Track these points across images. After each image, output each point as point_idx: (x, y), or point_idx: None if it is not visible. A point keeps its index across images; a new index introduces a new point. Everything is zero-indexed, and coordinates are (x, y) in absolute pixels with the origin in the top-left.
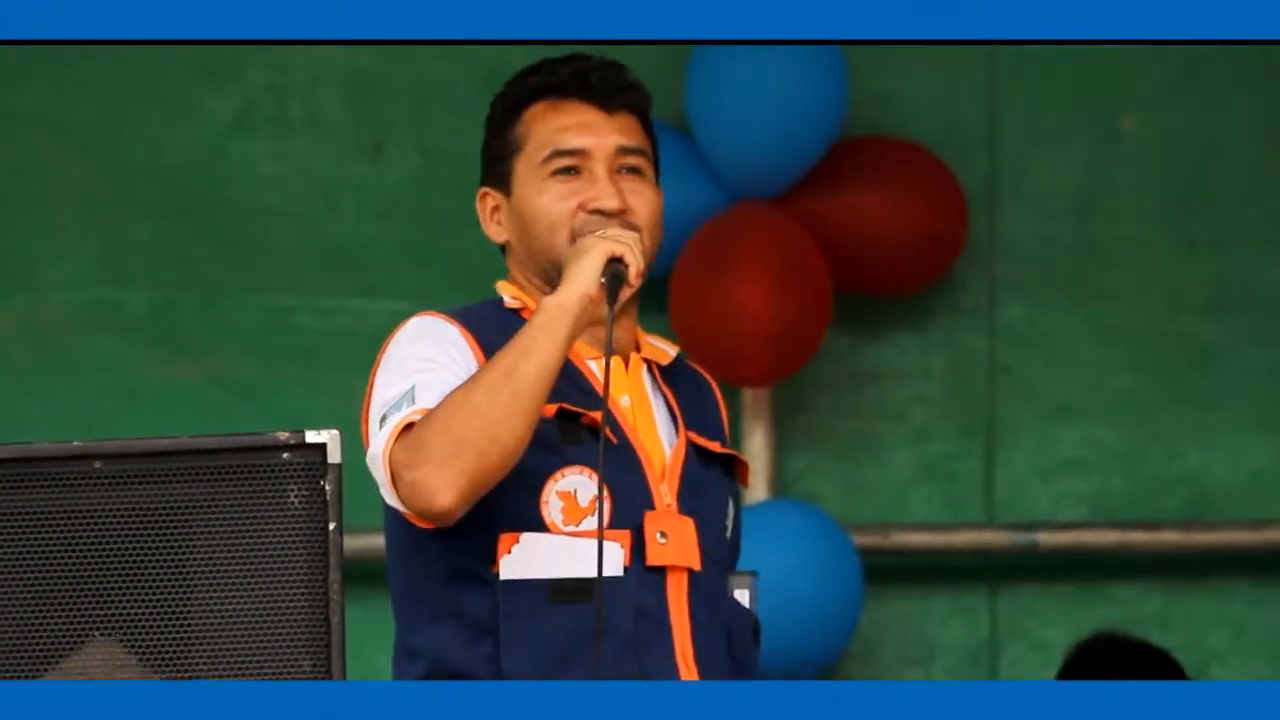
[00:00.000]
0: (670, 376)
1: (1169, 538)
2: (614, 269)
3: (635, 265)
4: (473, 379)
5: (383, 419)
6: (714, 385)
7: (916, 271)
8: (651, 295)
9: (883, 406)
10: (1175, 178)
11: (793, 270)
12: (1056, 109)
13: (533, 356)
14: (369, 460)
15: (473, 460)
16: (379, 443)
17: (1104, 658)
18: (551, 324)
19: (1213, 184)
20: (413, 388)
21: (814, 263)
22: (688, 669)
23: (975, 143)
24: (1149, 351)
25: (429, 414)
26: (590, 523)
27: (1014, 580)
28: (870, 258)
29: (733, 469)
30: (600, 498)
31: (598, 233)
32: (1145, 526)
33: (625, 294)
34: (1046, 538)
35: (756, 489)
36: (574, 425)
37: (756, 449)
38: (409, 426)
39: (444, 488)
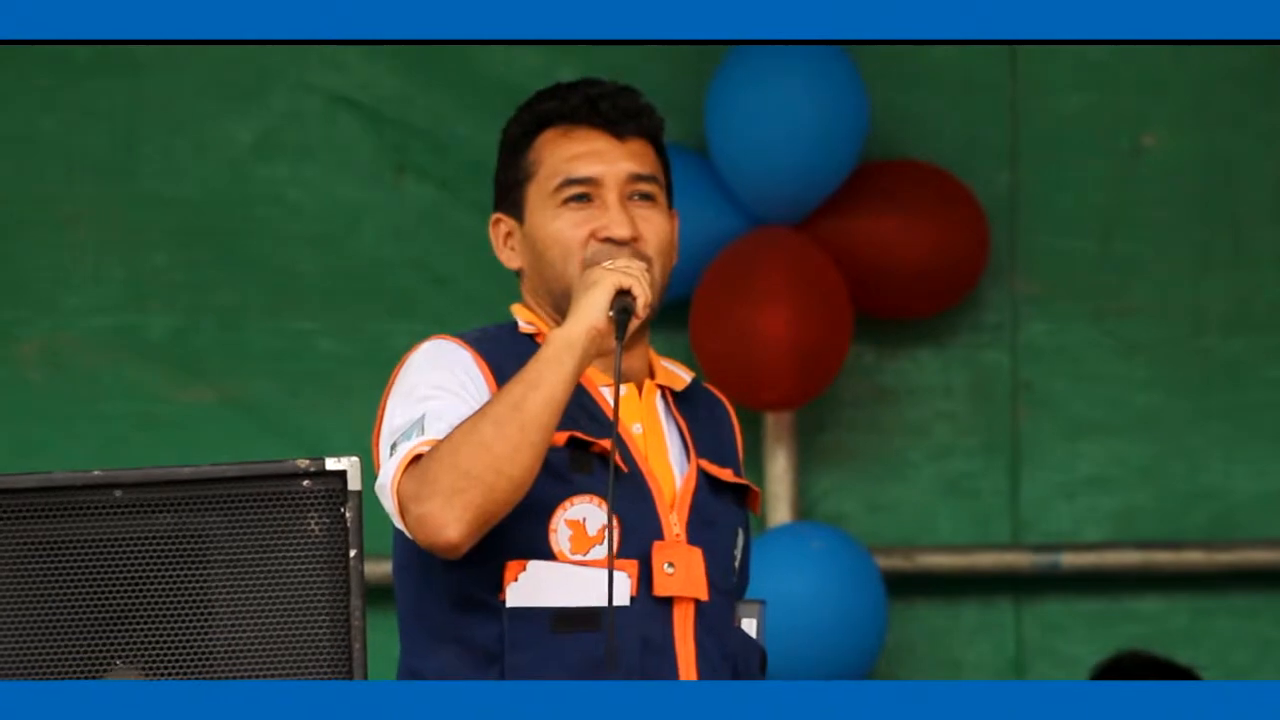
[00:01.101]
0: (685, 402)
1: (1192, 557)
2: (622, 302)
3: (643, 297)
4: (480, 411)
5: (392, 447)
6: (730, 410)
7: (937, 295)
8: (672, 319)
9: (905, 424)
10: (1196, 195)
11: (813, 295)
12: (1077, 127)
13: (540, 389)
14: (377, 489)
15: (480, 494)
16: (387, 473)
17: (1129, 675)
18: (558, 357)
19: (1234, 201)
20: (423, 416)
21: (834, 287)
22: None
23: (996, 160)
24: (1171, 368)
25: (437, 446)
26: (598, 552)
27: (1039, 598)
28: (891, 281)
29: (744, 498)
30: (610, 528)
31: (605, 264)
32: (1168, 546)
33: (633, 325)
34: (1070, 558)
35: (780, 511)
36: (584, 454)
37: (779, 471)
38: (418, 458)
39: (451, 521)
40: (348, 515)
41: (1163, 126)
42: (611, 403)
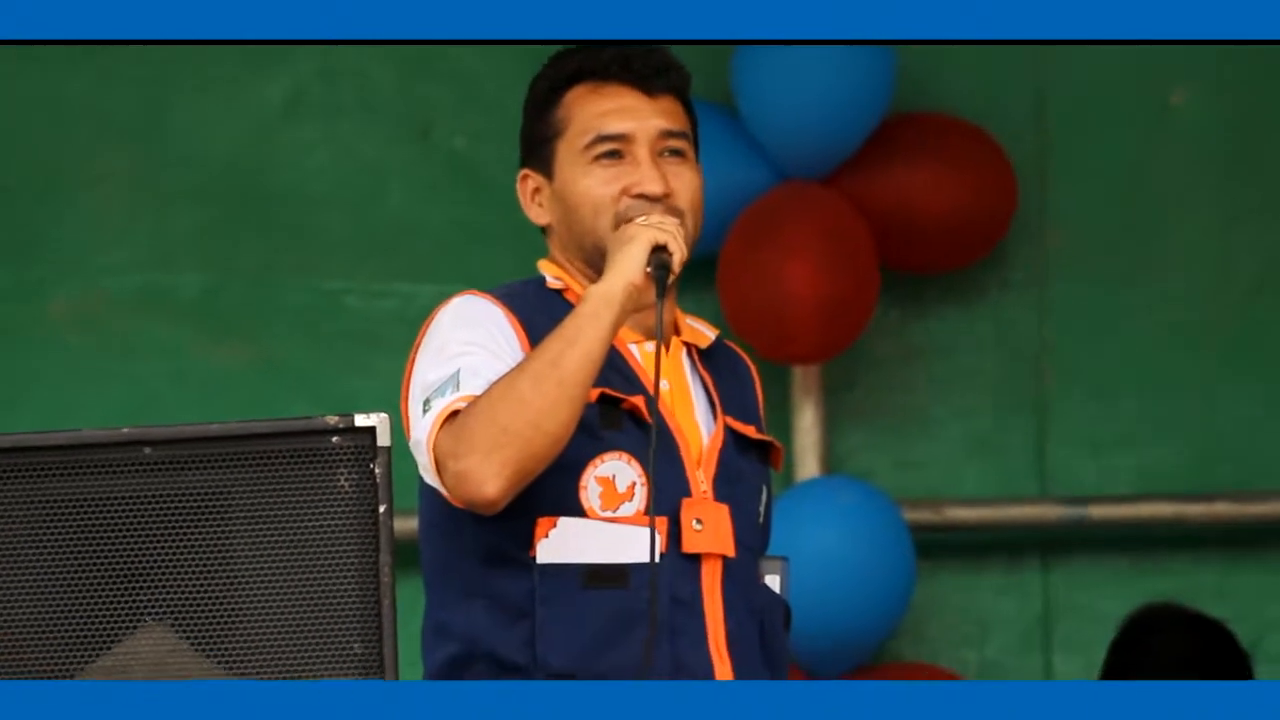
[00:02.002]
0: (709, 359)
1: (1221, 509)
2: (659, 257)
3: (679, 253)
4: (518, 367)
5: (426, 403)
6: (752, 368)
7: (965, 249)
8: (699, 274)
9: (933, 381)
10: (1224, 151)
11: (840, 249)
12: (1105, 84)
13: (578, 345)
14: (412, 445)
15: (518, 450)
16: (422, 429)
17: (1157, 629)
18: (596, 313)
19: (1262, 157)
20: (457, 372)
21: (862, 241)
22: (720, 656)
23: (1024, 118)
24: (1199, 324)
25: (474, 402)
26: (627, 508)
27: (1067, 553)
28: (919, 236)
29: (766, 455)
30: (650, 485)
31: (640, 220)
32: (1198, 499)
33: (670, 281)
34: (1097, 511)
35: (808, 466)
36: (615, 411)
37: (807, 426)
38: (454, 414)
39: (490, 477)
40: (377, 471)
41: (1192, 83)
42: (642, 361)
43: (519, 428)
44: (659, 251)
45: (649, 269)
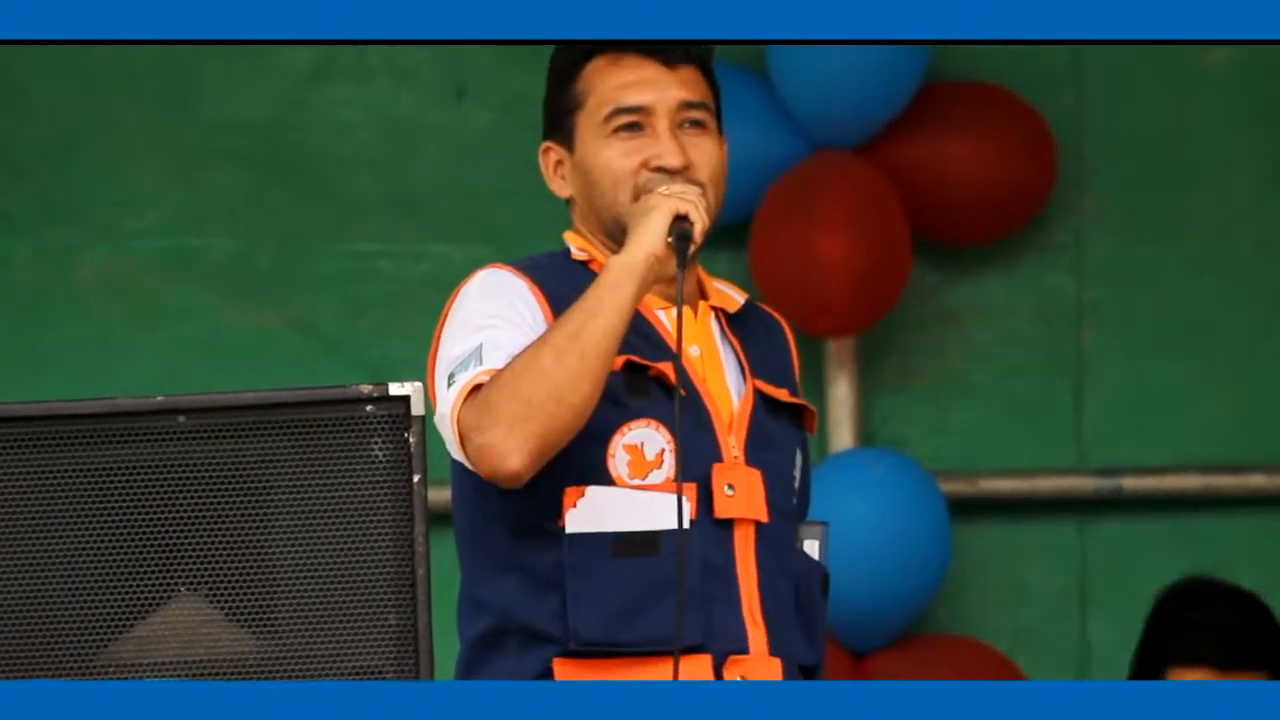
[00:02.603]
0: (739, 324)
1: (1254, 481)
2: (680, 227)
3: (700, 222)
4: (540, 340)
5: (450, 377)
6: (787, 330)
7: (1002, 221)
8: (730, 245)
9: (969, 346)
10: (1263, 111)
11: (873, 220)
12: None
13: (600, 317)
14: (437, 420)
15: (541, 422)
16: (446, 403)
17: (1194, 601)
18: (618, 284)
19: None
20: (480, 346)
21: (894, 213)
22: (754, 622)
23: (1061, 80)
24: (1239, 287)
25: (497, 376)
26: (656, 476)
27: (1103, 520)
28: (956, 207)
29: (800, 418)
30: (677, 450)
31: (661, 190)
32: (1230, 470)
33: (692, 251)
34: (1132, 482)
35: (842, 436)
36: (641, 378)
37: (841, 395)
38: (477, 388)
39: (513, 450)
40: (411, 440)
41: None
42: (670, 328)
43: (541, 400)
44: (680, 221)
45: (670, 239)
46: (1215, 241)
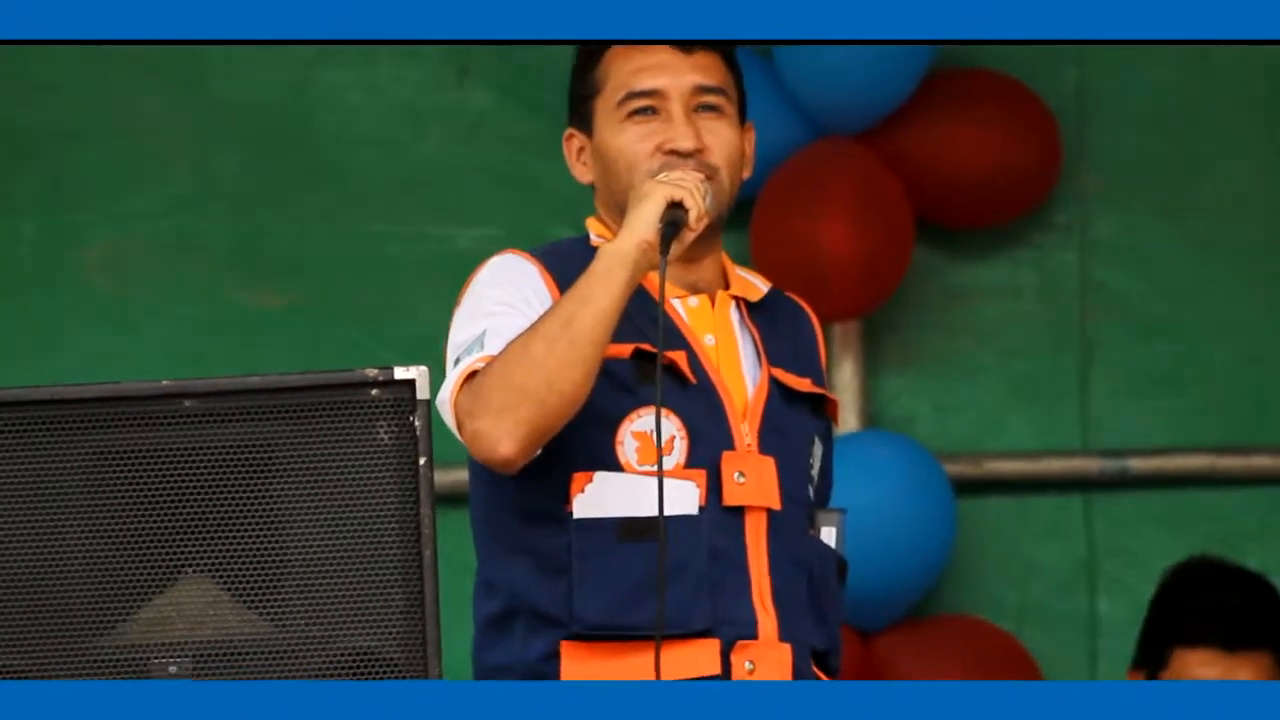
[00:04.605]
0: (762, 312)
1: (1260, 462)
2: (673, 215)
3: (695, 209)
4: (532, 327)
5: (456, 362)
6: (814, 318)
7: (1006, 207)
8: (733, 230)
9: (974, 326)
10: (1267, 90)
11: (875, 207)
12: None
13: (590, 304)
14: (438, 404)
15: (531, 410)
16: (446, 388)
17: (1199, 582)
18: (609, 272)
19: None
20: (483, 333)
21: (897, 198)
22: (765, 610)
23: (1064, 58)
24: (1243, 265)
25: (491, 363)
26: (666, 463)
27: (1109, 499)
28: (960, 193)
29: (822, 406)
30: (659, 441)
31: (659, 176)
32: (1236, 451)
33: (688, 237)
34: (1138, 463)
35: (847, 419)
36: (651, 366)
37: (846, 379)
38: (474, 374)
39: (503, 437)
40: (417, 424)
41: None
42: (684, 315)
43: (532, 387)
44: (674, 208)
45: (660, 226)
46: (1220, 221)
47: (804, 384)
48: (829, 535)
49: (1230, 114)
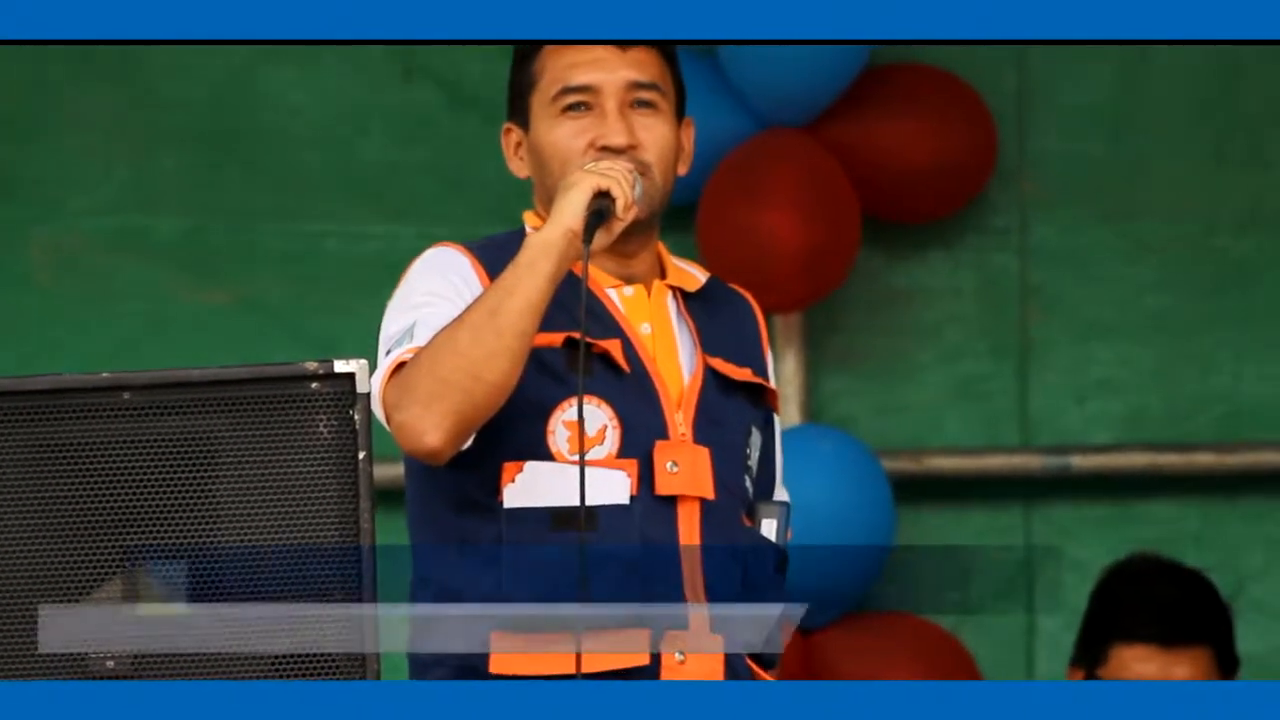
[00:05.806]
0: (700, 302)
1: (1202, 459)
2: (599, 204)
3: (623, 198)
4: (458, 318)
5: (386, 354)
6: (755, 307)
7: (945, 198)
8: (678, 223)
9: (915, 326)
10: (1207, 94)
11: (821, 198)
12: None
13: (516, 295)
14: (371, 398)
15: (457, 400)
16: (375, 380)
17: (1138, 578)
18: (534, 262)
19: (1244, 100)
20: (413, 325)
21: (842, 191)
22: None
23: (1004, 61)
24: (1182, 269)
25: (418, 354)
26: (597, 452)
27: (1049, 501)
28: (899, 184)
29: (762, 396)
30: (582, 429)
31: (586, 166)
32: (1178, 449)
33: (616, 227)
34: (1079, 461)
35: (789, 414)
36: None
37: (789, 373)
38: (401, 365)
39: (430, 428)
40: (356, 418)
41: None
42: (620, 306)
43: (458, 379)
44: (601, 197)
45: (586, 215)
46: (1160, 223)
47: (743, 373)
48: (769, 528)
49: (1170, 116)
